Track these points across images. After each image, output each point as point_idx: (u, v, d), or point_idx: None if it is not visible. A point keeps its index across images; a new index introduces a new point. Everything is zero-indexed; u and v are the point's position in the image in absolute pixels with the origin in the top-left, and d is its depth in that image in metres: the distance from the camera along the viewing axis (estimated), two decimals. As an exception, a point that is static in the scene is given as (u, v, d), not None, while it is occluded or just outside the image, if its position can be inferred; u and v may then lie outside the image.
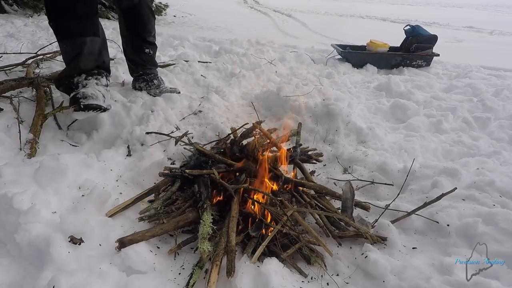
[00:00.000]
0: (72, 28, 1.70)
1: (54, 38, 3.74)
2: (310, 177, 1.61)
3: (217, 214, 1.29)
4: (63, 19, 1.69)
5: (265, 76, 3.32)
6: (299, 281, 1.12)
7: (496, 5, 14.71)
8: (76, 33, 1.72)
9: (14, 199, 1.14)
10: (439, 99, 3.00)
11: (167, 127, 1.96)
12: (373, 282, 1.13)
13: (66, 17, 1.68)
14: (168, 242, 1.25)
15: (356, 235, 1.31)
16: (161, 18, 6.82)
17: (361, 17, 9.81)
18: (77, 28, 1.71)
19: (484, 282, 1.06)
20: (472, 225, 1.30)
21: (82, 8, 1.68)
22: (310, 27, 7.50)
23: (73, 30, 1.70)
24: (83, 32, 1.73)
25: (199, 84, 2.88)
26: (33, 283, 0.97)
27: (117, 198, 1.39)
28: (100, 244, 1.13)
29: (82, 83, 1.77)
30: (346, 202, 1.39)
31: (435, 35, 4.10)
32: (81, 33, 1.73)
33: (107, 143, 1.86)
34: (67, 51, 1.78)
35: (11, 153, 1.54)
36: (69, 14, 1.67)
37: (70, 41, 1.73)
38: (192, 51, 3.99)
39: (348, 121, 2.19)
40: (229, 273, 1.03)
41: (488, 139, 2.31)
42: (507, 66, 4.34)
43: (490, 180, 1.55)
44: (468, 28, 8.43)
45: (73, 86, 1.77)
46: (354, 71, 3.97)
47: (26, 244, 1.05)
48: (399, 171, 1.73)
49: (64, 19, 1.68)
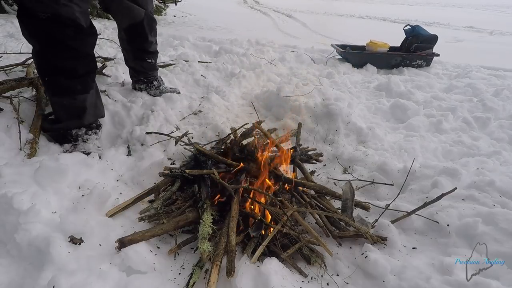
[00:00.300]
0: (73, 86, 1.59)
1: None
2: (310, 177, 1.61)
3: (217, 214, 1.29)
4: (62, 77, 1.55)
5: (265, 76, 3.32)
6: (299, 281, 1.12)
7: (496, 5, 14.72)
8: (79, 91, 1.61)
9: (14, 199, 1.14)
10: (439, 99, 3.00)
11: (167, 127, 1.96)
12: (373, 282, 1.13)
13: (65, 77, 1.55)
14: (168, 242, 1.25)
15: (356, 235, 1.31)
16: (161, 18, 6.82)
17: (361, 17, 9.81)
18: (80, 86, 1.61)
19: (484, 282, 1.06)
20: (472, 225, 1.30)
21: (83, 68, 1.59)
22: (310, 27, 7.50)
23: (75, 88, 1.60)
24: (84, 89, 1.64)
25: (199, 84, 2.88)
26: (33, 283, 0.97)
27: (117, 198, 1.39)
28: (100, 244, 1.12)
29: (82, 137, 1.71)
30: (346, 202, 1.39)
31: (435, 35, 4.10)
32: (84, 90, 1.64)
33: (107, 143, 1.86)
34: (67, 107, 1.64)
35: (11, 153, 1.54)
36: (68, 74, 1.55)
37: (71, 98, 1.61)
38: (192, 51, 3.99)
39: (348, 121, 2.19)
40: (229, 273, 1.03)
41: (488, 139, 2.31)
42: (507, 66, 4.34)
43: (490, 180, 1.55)
44: (468, 28, 8.43)
45: (70, 138, 1.70)
46: (354, 71, 3.97)
47: (26, 244, 1.05)
48: (399, 171, 1.73)
49: (63, 77, 1.55)
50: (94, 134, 1.76)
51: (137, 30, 2.05)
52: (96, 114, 1.77)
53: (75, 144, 1.69)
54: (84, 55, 1.59)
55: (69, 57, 1.51)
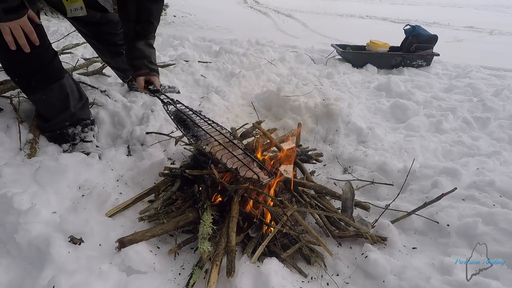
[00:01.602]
0: (45, 77, 1.52)
1: (54, 38, 3.76)
2: (310, 177, 1.61)
3: (217, 214, 1.29)
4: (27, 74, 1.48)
5: (265, 76, 3.32)
6: (299, 281, 1.12)
7: (496, 5, 14.71)
8: (53, 79, 1.54)
9: (14, 199, 1.14)
10: (439, 99, 3.00)
11: (167, 127, 1.96)
12: (373, 282, 1.13)
13: (32, 72, 1.48)
14: (168, 242, 1.25)
15: (356, 235, 1.31)
16: (161, 18, 6.81)
17: (361, 17, 9.81)
18: (51, 74, 1.53)
19: (484, 282, 1.06)
20: (472, 225, 1.30)
21: (46, 58, 1.50)
22: (310, 27, 7.50)
23: (47, 78, 1.53)
24: (57, 76, 1.56)
25: (199, 84, 2.88)
26: (33, 283, 0.97)
27: (117, 198, 1.39)
28: (100, 244, 1.13)
29: (79, 136, 1.70)
30: (346, 202, 1.39)
31: (435, 35, 4.10)
32: (57, 77, 1.56)
33: (107, 143, 1.86)
34: (49, 100, 1.58)
35: (11, 153, 1.54)
36: (32, 68, 1.47)
37: (48, 89, 1.54)
38: (192, 51, 3.99)
39: (348, 121, 2.19)
40: (229, 273, 1.03)
41: (488, 139, 2.31)
42: (507, 66, 4.33)
43: (490, 180, 1.55)
44: (468, 28, 8.42)
45: (67, 138, 1.68)
46: (354, 71, 3.97)
47: (26, 244, 1.05)
48: (399, 171, 1.73)
49: (29, 73, 1.48)
50: (90, 131, 1.76)
51: (107, 35, 1.98)
52: (81, 97, 1.73)
53: (73, 143, 1.68)
54: (41, 43, 1.44)
55: (27, 54, 1.40)
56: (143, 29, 1.56)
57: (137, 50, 1.56)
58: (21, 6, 1.22)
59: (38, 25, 1.41)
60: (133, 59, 1.58)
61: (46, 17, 5.36)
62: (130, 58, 1.60)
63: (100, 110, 1.94)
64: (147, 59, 1.58)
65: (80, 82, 2.22)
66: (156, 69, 1.64)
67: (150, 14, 1.55)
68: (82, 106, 1.74)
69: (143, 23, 1.54)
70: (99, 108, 1.97)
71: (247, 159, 1.29)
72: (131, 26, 1.54)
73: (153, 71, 1.61)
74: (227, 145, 1.34)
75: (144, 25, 1.56)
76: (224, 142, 1.36)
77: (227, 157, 1.27)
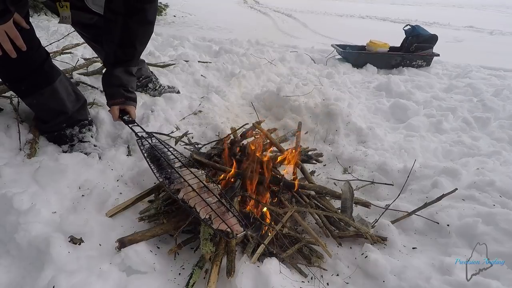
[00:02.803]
0: (35, 81, 1.47)
1: (54, 38, 3.76)
2: (310, 178, 1.61)
3: (217, 214, 1.28)
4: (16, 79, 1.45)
5: (265, 76, 3.32)
6: (299, 281, 1.12)
7: (496, 5, 14.70)
8: (43, 83, 1.50)
9: (14, 199, 1.14)
10: (439, 99, 3.00)
11: (167, 127, 1.96)
12: (373, 282, 1.13)
13: (21, 77, 1.44)
14: (168, 242, 1.25)
15: (356, 235, 1.31)
16: (161, 18, 6.81)
17: (361, 17, 9.80)
18: (41, 78, 1.49)
19: (484, 282, 1.06)
20: (472, 225, 1.30)
21: (37, 59, 1.46)
22: (310, 27, 7.49)
23: (37, 82, 1.48)
24: (49, 79, 1.52)
25: (199, 84, 2.88)
26: (33, 283, 0.97)
27: (117, 198, 1.39)
28: (100, 244, 1.13)
29: (77, 136, 1.67)
30: (345, 202, 1.39)
31: (435, 35, 4.10)
32: (49, 80, 1.51)
33: (107, 143, 1.86)
34: (42, 104, 1.55)
35: (11, 153, 1.54)
36: (21, 72, 1.43)
37: (39, 94, 1.51)
38: (192, 51, 3.99)
39: (348, 121, 2.19)
40: (229, 273, 1.03)
41: (488, 139, 2.31)
42: (507, 66, 4.33)
43: (490, 180, 1.55)
44: (468, 28, 8.42)
45: (66, 139, 1.66)
46: (354, 71, 3.97)
47: (26, 244, 1.05)
48: (399, 171, 1.73)
49: (18, 78, 1.45)
50: (88, 131, 1.74)
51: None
52: (78, 99, 1.69)
53: (72, 144, 1.67)
54: (29, 47, 1.40)
55: (14, 60, 1.36)
56: (124, 54, 1.45)
57: (114, 77, 1.45)
58: (5, 10, 1.16)
59: (25, 29, 1.35)
60: (109, 85, 1.47)
61: (46, 17, 5.36)
62: (105, 84, 1.48)
63: (100, 110, 1.94)
64: (124, 87, 1.46)
65: (80, 82, 2.22)
66: (133, 97, 1.52)
67: (135, 37, 1.42)
68: (80, 107, 1.71)
69: (125, 47, 1.43)
70: (99, 108, 1.97)
71: (222, 208, 1.14)
72: (112, 49, 1.42)
73: (129, 100, 1.49)
74: (201, 191, 1.19)
75: (126, 50, 1.44)
76: (198, 188, 1.20)
77: (201, 205, 1.13)
